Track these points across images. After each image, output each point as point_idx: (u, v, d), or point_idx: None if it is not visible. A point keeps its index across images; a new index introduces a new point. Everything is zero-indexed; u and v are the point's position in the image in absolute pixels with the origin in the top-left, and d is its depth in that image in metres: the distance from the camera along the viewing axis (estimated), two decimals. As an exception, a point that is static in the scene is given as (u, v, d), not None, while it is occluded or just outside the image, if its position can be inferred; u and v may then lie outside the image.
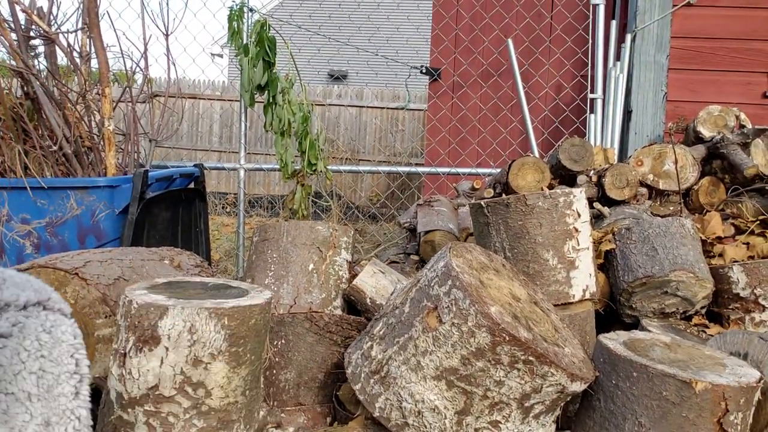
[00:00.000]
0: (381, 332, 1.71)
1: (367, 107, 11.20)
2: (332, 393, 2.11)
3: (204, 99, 11.03)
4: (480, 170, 3.38)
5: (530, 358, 1.49)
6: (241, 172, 3.63)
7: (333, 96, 11.11)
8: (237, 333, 1.57)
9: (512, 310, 1.59)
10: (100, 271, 1.82)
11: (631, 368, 1.55)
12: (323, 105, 10.67)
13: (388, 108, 11.22)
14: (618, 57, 3.43)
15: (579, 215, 2.16)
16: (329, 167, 3.54)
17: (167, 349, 1.52)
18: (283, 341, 2.13)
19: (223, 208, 8.35)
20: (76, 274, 1.74)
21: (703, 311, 2.38)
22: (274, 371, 2.13)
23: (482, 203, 2.17)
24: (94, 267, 1.83)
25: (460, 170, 3.38)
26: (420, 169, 3.41)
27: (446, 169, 3.46)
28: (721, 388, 1.47)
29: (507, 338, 1.48)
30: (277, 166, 3.53)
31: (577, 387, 1.55)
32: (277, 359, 2.13)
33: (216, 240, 5.75)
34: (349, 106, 11.13)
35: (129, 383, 1.53)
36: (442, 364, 1.55)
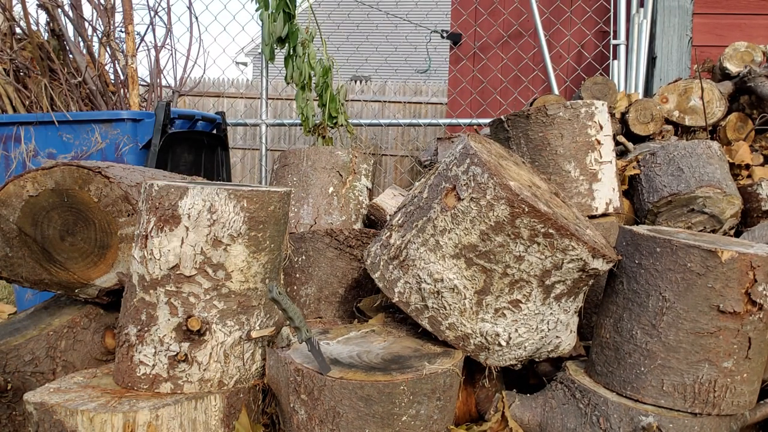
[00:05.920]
0: (400, 221, 1.70)
1: (389, 102, 11.24)
2: (352, 308, 2.10)
3: (227, 97, 11.19)
4: (501, 121, 3.35)
5: (550, 230, 1.47)
6: (263, 128, 3.65)
7: (355, 92, 11.16)
8: (256, 217, 1.58)
9: (532, 191, 1.58)
10: (123, 174, 1.85)
11: (655, 244, 1.51)
12: (345, 101, 10.71)
13: (409, 102, 11.25)
14: (641, 3, 3.38)
15: (601, 127, 2.13)
16: (350, 120, 3.54)
17: (187, 228, 1.53)
18: (303, 257, 2.13)
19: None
20: (99, 172, 1.76)
21: (732, 232, 2.33)
22: (295, 287, 2.13)
23: (502, 117, 2.16)
24: (116, 170, 1.85)
25: (481, 120, 3.37)
26: (441, 121, 3.41)
27: (467, 120, 3.45)
28: (749, 257, 1.43)
29: (526, 209, 1.46)
30: (299, 121, 3.55)
31: (599, 264, 1.52)
32: (297, 275, 2.13)
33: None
34: (371, 101, 11.18)
35: (150, 264, 1.55)
36: (461, 242, 1.53)
